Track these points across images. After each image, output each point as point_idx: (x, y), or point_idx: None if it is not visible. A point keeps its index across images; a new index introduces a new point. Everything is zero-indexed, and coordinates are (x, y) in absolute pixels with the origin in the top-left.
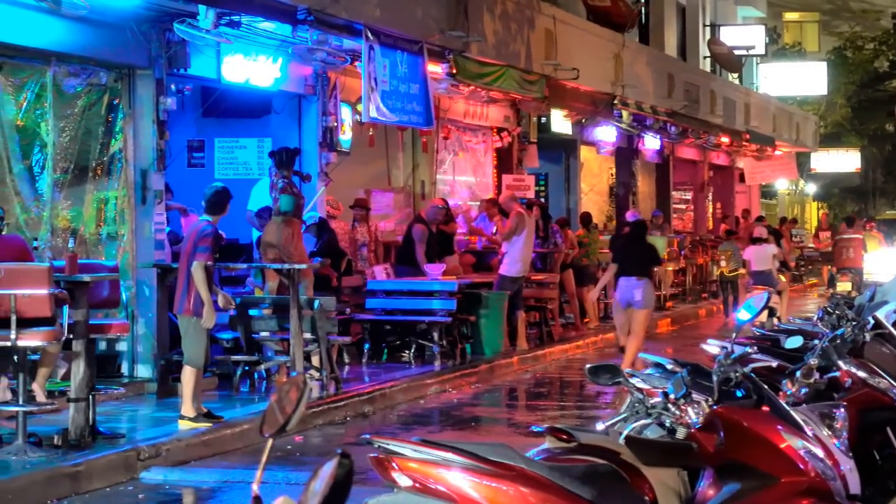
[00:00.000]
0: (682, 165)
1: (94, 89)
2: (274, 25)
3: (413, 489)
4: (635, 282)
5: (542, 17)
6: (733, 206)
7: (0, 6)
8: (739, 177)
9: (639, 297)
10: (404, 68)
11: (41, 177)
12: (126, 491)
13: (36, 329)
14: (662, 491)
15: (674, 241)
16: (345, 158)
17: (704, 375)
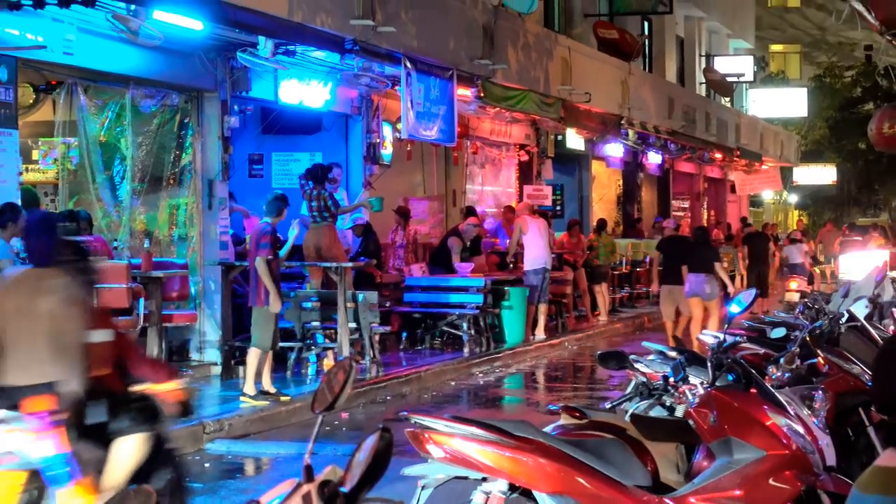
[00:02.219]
0: (681, 177)
1: (168, 109)
2: (324, 54)
3: (444, 460)
4: (704, 277)
5: (559, 47)
6: (725, 214)
7: (86, 37)
8: (731, 188)
9: (708, 290)
10: (436, 92)
11: (121, 186)
12: (193, 460)
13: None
14: (663, 462)
15: None
16: (386, 170)
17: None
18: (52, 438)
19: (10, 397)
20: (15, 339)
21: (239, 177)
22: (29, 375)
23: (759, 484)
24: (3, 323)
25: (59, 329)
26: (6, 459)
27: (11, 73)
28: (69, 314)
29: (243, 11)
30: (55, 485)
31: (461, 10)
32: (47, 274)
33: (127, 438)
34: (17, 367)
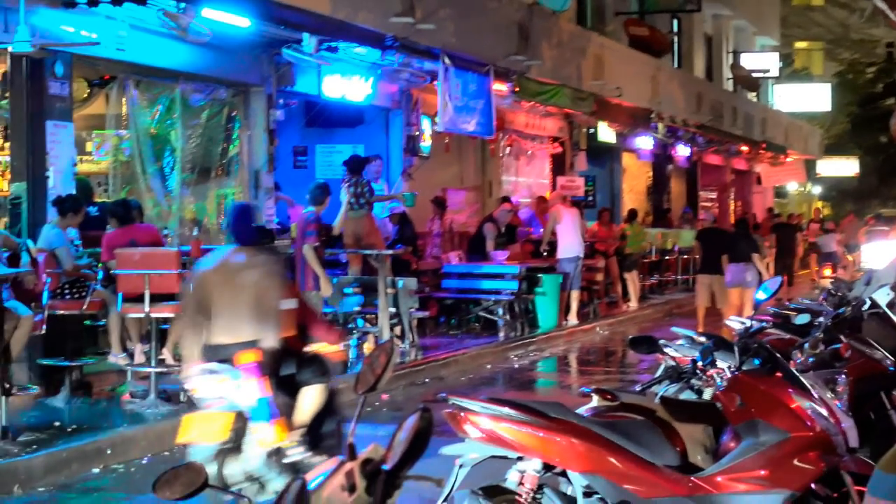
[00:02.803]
0: (708, 169)
1: (216, 103)
2: (366, 50)
3: (481, 440)
4: (744, 267)
5: (592, 44)
6: (751, 205)
7: (137, 33)
8: (756, 179)
9: (749, 279)
10: (473, 87)
11: (171, 176)
12: None
13: (165, 303)
14: (691, 443)
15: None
16: (425, 162)
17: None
18: (258, 385)
19: (218, 353)
20: (221, 306)
21: (284, 168)
22: (234, 335)
23: (783, 464)
24: (212, 293)
25: (262, 297)
26: (218, 403)
27: (67, 69)
28: (270, 285)
29: (288, 9)
30: (258, 422)
31: (497, 8)
32: (249, 252)
33: (310, 388)
34: (223, 328)
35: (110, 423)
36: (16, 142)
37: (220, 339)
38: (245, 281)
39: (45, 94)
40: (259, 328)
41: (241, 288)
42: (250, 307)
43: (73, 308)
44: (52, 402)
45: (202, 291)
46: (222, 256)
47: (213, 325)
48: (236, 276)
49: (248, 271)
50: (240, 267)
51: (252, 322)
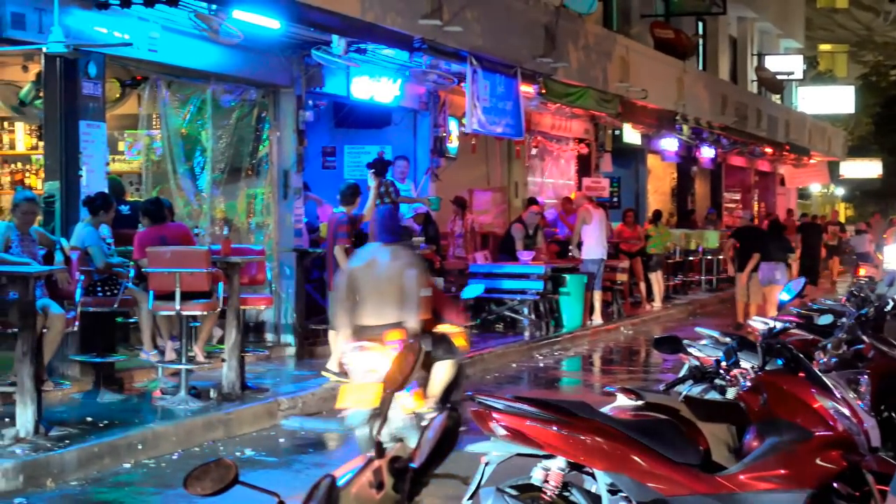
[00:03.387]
0: (733, 171)
1: (246, 104)
2: (394, 52)
3: (506, 438)
4: (775, 265)
5: (618, 46)
6: (775, 206)
7: (169, 34)
8: (780, 181)
9: (779, 277)
10: (501, 88)
11: (201, 176)
12: (269, 435)
13: (196, 301)
14: (714, 442)
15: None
16: (452, 163)
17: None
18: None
19: (367, 333)
20: (369, 294)
21: (313, 168)
22: (381, 318)
23: (806, 463)
24: (361, 283)
25: (405, 286)
26: (369, 375)
27: (100, 69)
28: (411, 276)
29: (318, 11)
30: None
31: (524, 10)
32: (393, 248)
33: (441, 363)
34: (371, 312)
35: (141, 419)
36: (50, 141)
37: (369, 321)
38: (391, 273)
39: (78, 95)
40: (402, 312)
41: (387, 278)
42: (395, 294)
43: (105, 305)
44: (84, 397)
45: (353, 282)
46: (371, 252)
47: (361, 310)
48: (383, 269)
49: (392, 264)
50: (386, 261)
51: (396, 307)
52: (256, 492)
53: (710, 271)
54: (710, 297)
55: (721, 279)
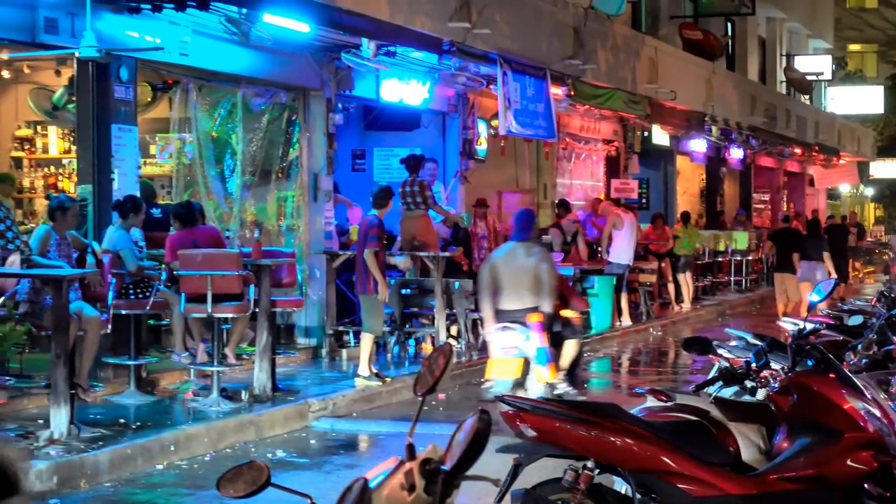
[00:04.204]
0: (761, 172)
1: (276, 107)
2: (423, 54)
3: (536, 439)
4: (814, 265)
5: (646, 47)
6: (804, 206)
7: (200, 38)
8: (809, 181)
9: (819, 276)
10: (532, 90)
11: (231, 179)
12: (300, 437)
13: (228, 304)
14: (744, 443)
15: (754, 234)
16: (480, 165)
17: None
18: (539, 338)
19: (508, 316)
20: (509, 282)
21: (343, 170)
22: (520, 303)
23: (837, 463)
24: (502, 273)
25: (539, 276)
26: (512, 350)
27: (131, 73)
28: (545, 268)
29: (347, 14)
30: (538, 365)
31: (552, 12)
32: (528, 245)
33: (570, 342)
34: (511, 298)
35: (173, 421)
36: (82, 145)
37: (510, 306)
38: (527, 265)
39: (110, 99)
40: (538, 298)
41: (524, 270)
42: (531, 283)
43: (137, 308)
44: (116, 399)
45: (494, 272)
46: (509, 248)
47: (502, 296)
48: (521, 262)
49: (529, 259)
50: (523, 255)
51: (533, 294)
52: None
53: (740, 272)
54: (740, 297)
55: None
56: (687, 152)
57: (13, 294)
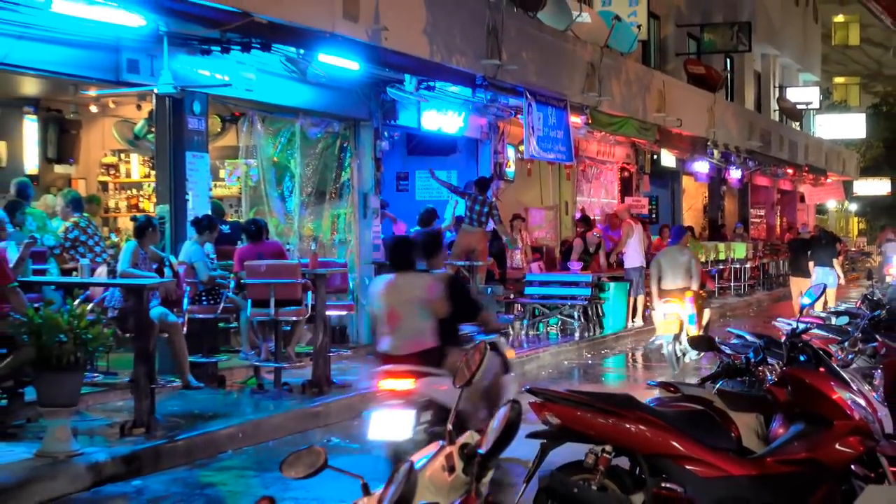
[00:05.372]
0: (758, 189)
1: (330, 135)
2: (458, 88)
3: (560, 426)
4: (828, 270)
5: (655, 80)
6: (796, 220)
7: (263, 76)
8: (800, 198)
9: (832, 280)
10: (553, 119)
11: (290, 199)
12: (352, 424)
13: (288, 308)
14: (745, 430)
15: (751, 245)
16: (510, 185)
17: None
18: (691, 307)
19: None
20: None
21: (388, 190)
22: (676, 284)
23: (827, 448)
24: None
25: (690, 267)
26: (673, 315)
27: (203, 107)
28: (694, 262)
29: (392, 54)
30: (690, 325)
31: (572, 50)
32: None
33: (707, 310)
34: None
35: (241, 412)
36: (160, 170)
37: (670, 287)
38: (681, 260)
39: (184, 129)
40: (689, 280)
41: (679, 264)
42: (684, 271)
43: (208, 312)
44: (191, 393)
45: (658, 265)
46: (668, 250)
47: (665, 281)
48: (676, 259)
49: (681, 257)
50: (678, 254)
51: (685, 278)
52: (343, 475)
53: (739, 278)
54: (739, 301)
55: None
56: (691, 173)
57: (101, 301)
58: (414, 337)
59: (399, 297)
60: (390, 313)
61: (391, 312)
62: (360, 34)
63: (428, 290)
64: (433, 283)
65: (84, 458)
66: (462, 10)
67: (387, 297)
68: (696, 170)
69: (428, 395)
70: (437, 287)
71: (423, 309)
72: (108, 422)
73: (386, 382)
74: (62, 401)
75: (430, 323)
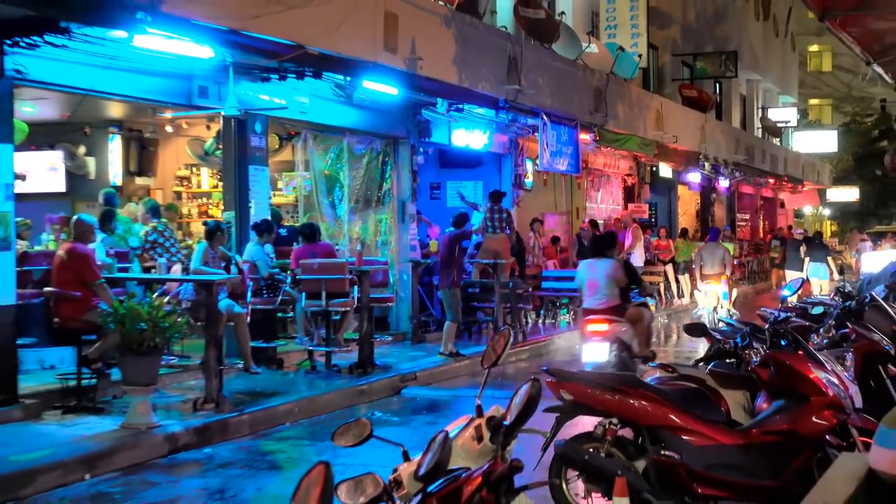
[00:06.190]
0: (743, 197)
1: (373, 151)
2: (484, 110)
3: (573, 402)
4: (820, 265)
5: (654, 102)
6: (776, 223)
7: (315, 100)
8: (780, 204)
9: (823, 273)
10: (565, 137)
11: (339, 206)
12: (393, 401)
13: (338, 300)
14: (733, 405)
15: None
16: (528, 193)
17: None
18: (724, 286)
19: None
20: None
21: (423, 198)
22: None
23: (804, 420)
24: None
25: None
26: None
27: (264, 127)
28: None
29: (426, 80)
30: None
31: (582, 76)
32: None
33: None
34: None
35: (296, 390)
36: (227, 181)
37: (709, 272)
38: (718, 253)
39: (247, 146)
40: (724, 268)
41: (717, 255)
42: (720, 261)
43: (268, 304)
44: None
45: (700, 256)
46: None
47: (704, 268)
48: (714, 252)
49: (718, 250)
50: (715, 248)
51: (721, 265)
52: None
53: None
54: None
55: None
56: (686, 182)
57: (176, 294)
58: (606, 298)
59: (596, 274)
60: (591, 283)
61: (591, 283)
62: (399, 64)
63: (614, 269)
64: (616, 264)
65: (162, 430)
66: (487, 43)
67: (588, 274)
68: (689, 180)
69: (616, 335)
70: (618, 267)
71: (610, 281)
72: (182, 398)
73: (591, 327)
74: (143, 380)
75: (615, 290)
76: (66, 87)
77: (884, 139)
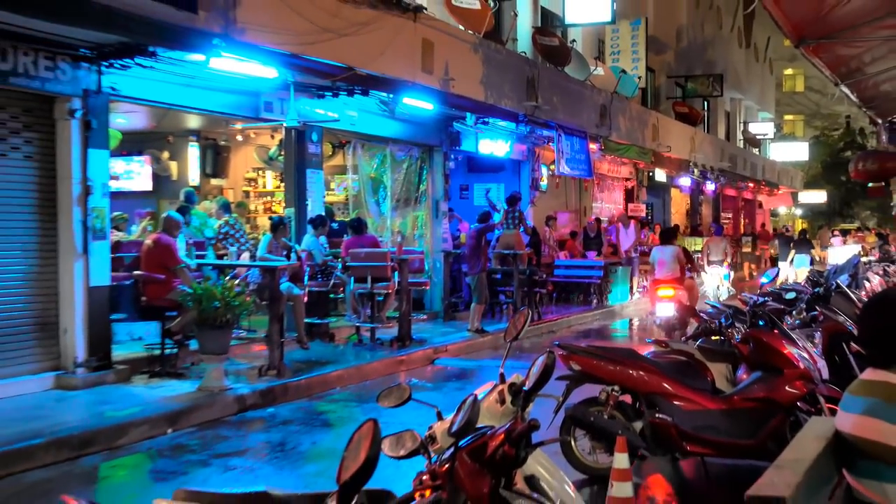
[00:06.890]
0: (727, 198)
1: (412, 157)
2: (506, 123)
3: (581, 372)
4: (805, 257)
5: (651, 117)
6: (755, 221)
7: (363, 113)
8: (759, 205)
9: (806, 262)
10: (577, 146)
11: (383, 204)
12: (427, 370)
13: (381, 284)
14: (717, 375)
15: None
16: (543, 194)
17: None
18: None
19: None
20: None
21: (454, 198)
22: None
23: (779, 389)
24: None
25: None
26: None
27: (319, 136)
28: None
29: (457, 97)
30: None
31: (590, 95)
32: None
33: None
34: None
35: (346, 359)
36: (288, 182)
37: (713, 259)
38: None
39: (305, 153)
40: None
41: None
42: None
43: (322, 287)
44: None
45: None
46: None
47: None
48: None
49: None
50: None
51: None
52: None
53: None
54: None
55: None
56: (678, 186)
57: (245, 278)
58: (670, 272)
59: (665, 255)
60: (660, 262)
61: (661, 261)
62: (434, 83)
63: (677, 252)
64: (678, 249)
65: (232, 392)
66: (508, 66)
67: (659, 255)
68: (681, 183)
69: (677, 298)
70: (679, 251)
71: (674, 260)
72: (249, 366)
73: (660, 291)
74: (217, 350)
75: (676, 266)
76: (152, 101)
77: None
